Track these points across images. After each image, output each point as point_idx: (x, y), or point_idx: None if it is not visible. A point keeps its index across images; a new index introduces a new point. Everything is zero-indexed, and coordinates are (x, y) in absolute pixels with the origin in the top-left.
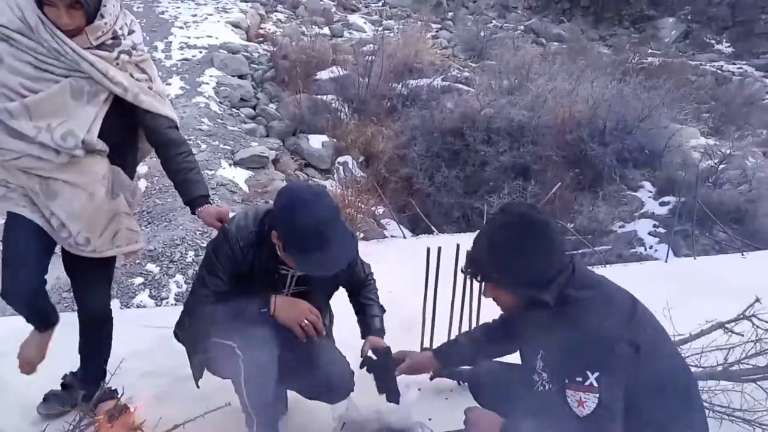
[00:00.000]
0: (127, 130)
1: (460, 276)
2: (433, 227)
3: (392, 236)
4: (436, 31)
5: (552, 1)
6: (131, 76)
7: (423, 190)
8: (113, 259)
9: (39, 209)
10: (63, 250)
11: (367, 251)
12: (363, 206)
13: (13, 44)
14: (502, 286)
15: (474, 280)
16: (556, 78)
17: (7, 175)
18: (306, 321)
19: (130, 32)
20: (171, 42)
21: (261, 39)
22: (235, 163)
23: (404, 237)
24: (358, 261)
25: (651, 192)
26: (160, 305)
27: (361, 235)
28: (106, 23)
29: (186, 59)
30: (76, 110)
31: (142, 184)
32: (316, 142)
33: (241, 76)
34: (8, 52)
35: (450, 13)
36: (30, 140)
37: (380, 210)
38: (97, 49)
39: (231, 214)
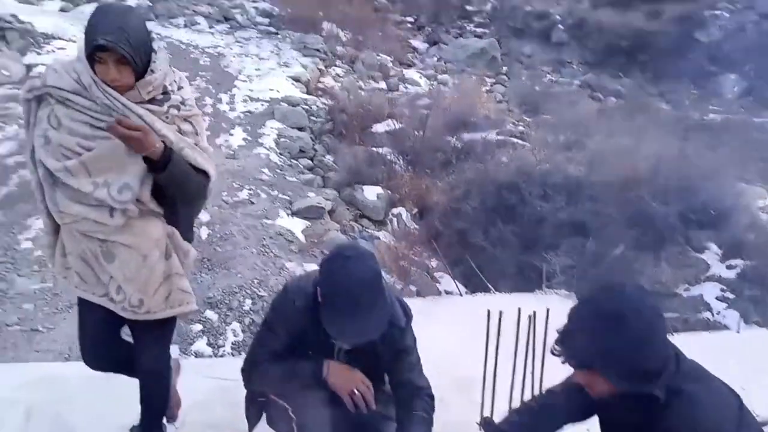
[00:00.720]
0: None
1: (522, 339)
2: (488, 284)
3: (446, 291)
4: (491, 86)
5: (608, 56)
6: (179, 129)
7: (477, 244)
8: (171, 319)
9: (96, 284)
10: None
11: (423, 308)
12: (416, 259)
13: (70, 105)
14: (605, 375)
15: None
16: (615, 134)
17: (68, 242)
18: (356, 391)
19: (179, 88)
20: (235, 95)
21: (320, 92)
22: (293, 213)
23: (459, 292)
24: (410, 358)
25: (717, 254)
26: (217, 353)
27: (414, 288)
28: (156, 78)
29: (249, 111)
30: (130, 165)
31: (204, 231)
32: (371, 193)
33: (300, 128)
34: (65, 114)
35: (504, 68)
36: (87, 203)
37: (434, 263)
38: (147, 103)
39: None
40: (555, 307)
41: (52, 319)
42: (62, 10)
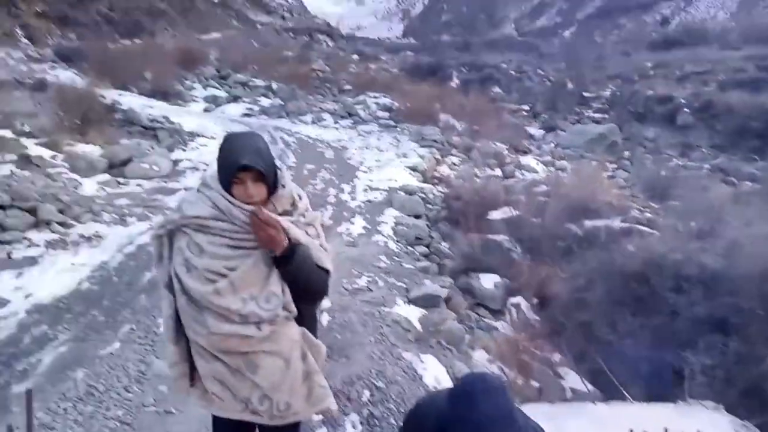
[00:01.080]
0: None
1: None
2: (620, 386)
3: (572, 388)
4: (613, 171)
5: (740, 138)
6: (306, 233)
7: (604, 338)
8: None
9: (232, 400)
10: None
11: (552, 413)
12: (538, 352)
13: (209, 231)
14: None
15: None
16: (753, 221)
17: (201, 366)
18: None
19: (300, 198)
20: (356, 185)
21: (436, 181)
22: (410, 301)
23: (587, 390)
24: None
25: None
26: None
27: (537, 384)
28: (286, 192)
29: (369, 200)
30: (270, 276)
31: (325, 318)
32: (488, 281)
33: (417, 216)
34: (205, 240)
35: (626, 152)
36: (235, 320)
37: (557, 357)
38: (281, 215)
39: None
40: (704, 428)
41: (184, 401)
42: (205, 110)
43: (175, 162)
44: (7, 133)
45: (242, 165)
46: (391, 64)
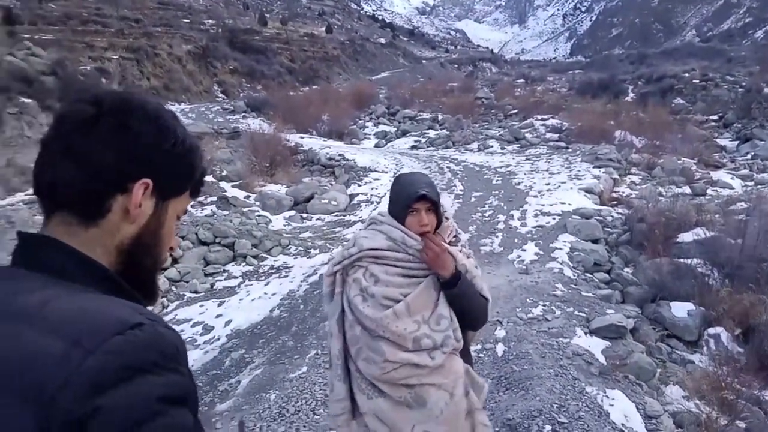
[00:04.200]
0: None
1: None
2: None
3: None
4: None
5: None
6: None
7: None
8: None
9: None
10: None
11: None
12: (744, 389)
13: (383, 262)
14: None
15: None
16: None
17: (363, 403)
18: None
19: (459, 232)
20: (526, 210)
21: (615, 202)
22: (591, 332)
23: None
24: None
25: None
26: None
27: (743, 425)
28: (451, 224)
29: (540, 226)
30: (439, 300)
31: (500, 348)
32: (680, 310)
33: (594, 241)
34: (381, 270)
35: None
36: (408, 347)
37: (766, 395)
38: (448, 245)
39: None
40: None
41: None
42: (376, 146)
43: (351, 196)
44: (209, 178)
45: (421, 194)
46: (558, 84)
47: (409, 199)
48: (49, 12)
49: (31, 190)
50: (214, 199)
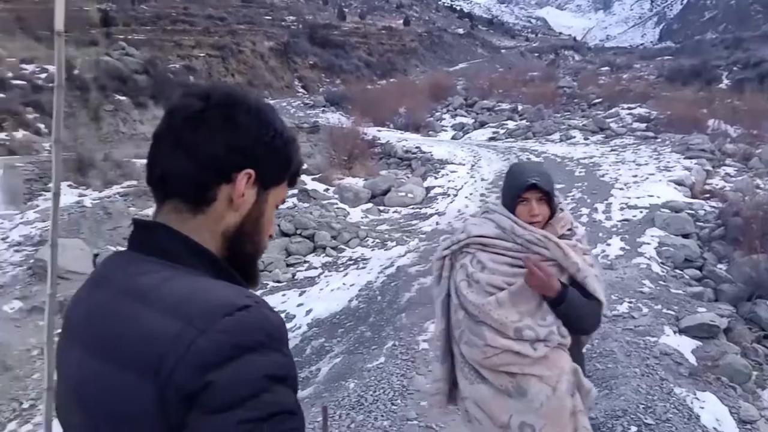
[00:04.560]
0: None
1: None
2: None
3: None
4: None
5: None
6: (584, 261)
7: None
8: None
9: (490, 427)
10: None
11: None
12: None
13: (491, 250)
14: None
15: None
16: None
17: (465, 388)
18: None
19: (577, 227)
20: (611, 203)
21: (707, 195)
22: (680, 331)
23: None
24: None
25: None
26: None
27: None
28: (565, 215)
29: (626, 219)
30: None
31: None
32: None
33: (685, 236)
34: (488, 257)
35: None
36: (510, 335)
37: None
38: (560, 238)
39: None
40: None
41: (444, 418)
42: (453, 138)
43: (428, 189)
44: None
45: (532, 183)
46: (646, 71)
47: (519, 188)
48: (141, 13)
49: (126, 183)
50: (296, 191)
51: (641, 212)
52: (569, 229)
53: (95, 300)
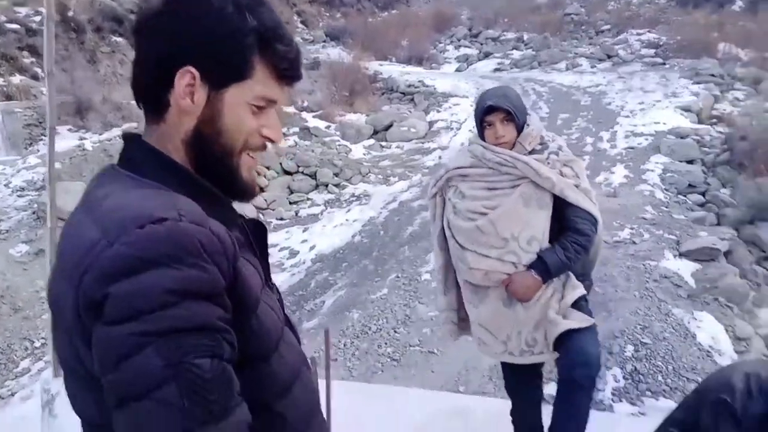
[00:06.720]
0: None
1: None
2: None
3: None
4: None
5: None
6: (560, 173)
7: None
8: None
9: (494, 343)
10: None
11: None
12: None
13: (468, 179)
14: None
15: None
16: None
17: (471, 311)
18: None
19: (554, 139)
20: (616, 131)
21: (714, 120)
22: (681, 255)
23: None
24: None
25: None
26: (596, 397)
27: None
28: (532, 130)
29: (631, 147)
30: (530, 217)
31: None
32: None
33: (690, 161)
34: (467, 186)
35: None
36: (492, 256)
37: None
38: (530, 154)
39: None
40: None
41: (444, 343)
42: (457, 70)
43: (431, 123)
44: (291, 110)
45: (488, 105)
46: None
47: (481, 112)
48: None
49: (126, 125)
50: (297, 129)
51: (646, 139)
52: (541, 143)
53: (70, 220)
